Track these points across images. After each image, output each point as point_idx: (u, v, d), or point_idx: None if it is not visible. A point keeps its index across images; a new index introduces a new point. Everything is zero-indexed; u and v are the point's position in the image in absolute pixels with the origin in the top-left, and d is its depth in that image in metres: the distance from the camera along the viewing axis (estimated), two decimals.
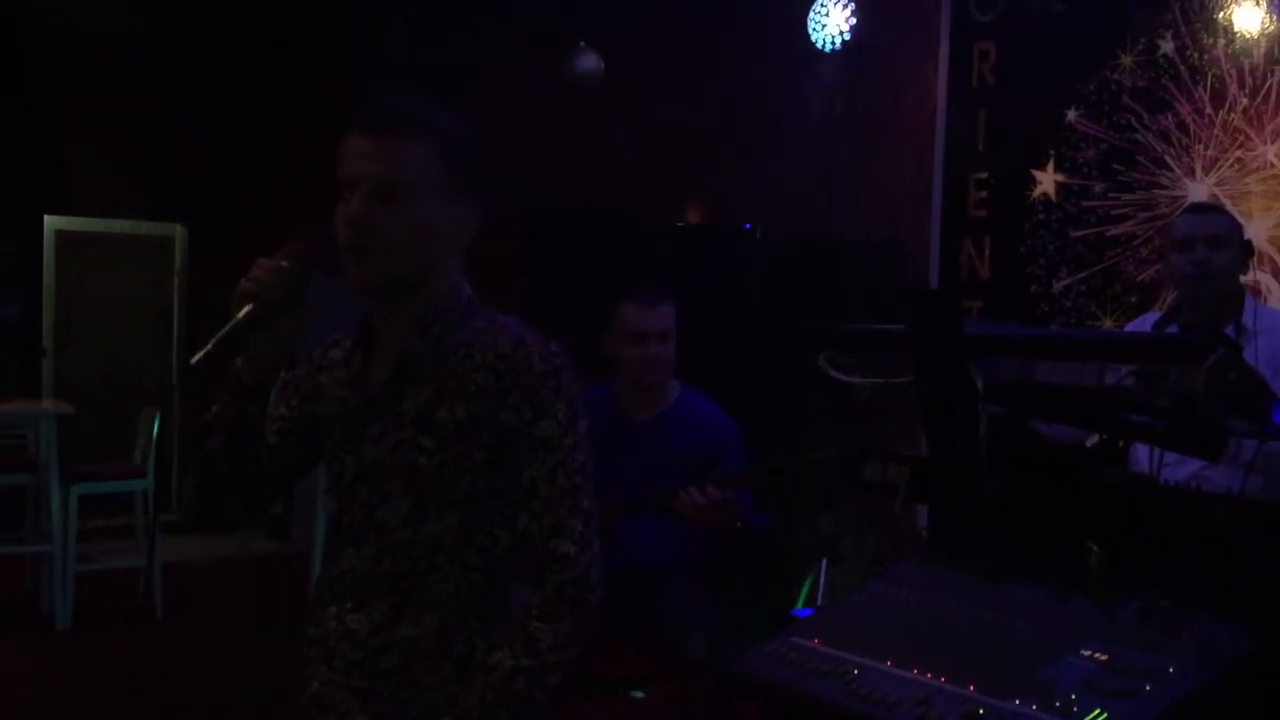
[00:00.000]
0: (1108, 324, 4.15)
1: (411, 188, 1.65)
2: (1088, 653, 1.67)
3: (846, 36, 4.77)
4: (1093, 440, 3.23)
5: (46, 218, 7.93)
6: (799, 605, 4.03)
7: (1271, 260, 3.74)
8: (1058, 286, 4.32)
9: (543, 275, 4.78)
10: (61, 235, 8.09)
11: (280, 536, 7.81)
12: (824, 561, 3.76)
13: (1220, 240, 2.90)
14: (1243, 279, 3.06)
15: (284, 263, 1.68)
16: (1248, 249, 2.99)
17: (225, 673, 4.90)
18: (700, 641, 2.60)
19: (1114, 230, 4.16)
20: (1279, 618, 1.70)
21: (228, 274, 1.73)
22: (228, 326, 1.66)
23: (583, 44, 5.07)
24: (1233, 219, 3.02)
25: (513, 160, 5.15)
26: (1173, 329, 2.88)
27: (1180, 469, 2.59)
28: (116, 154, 7.88)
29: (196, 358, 1.63)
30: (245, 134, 7.90)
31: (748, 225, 4.78)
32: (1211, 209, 3.14)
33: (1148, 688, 1.57)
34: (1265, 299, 3.70)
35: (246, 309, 1.66)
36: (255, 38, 7.64)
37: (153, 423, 5.77)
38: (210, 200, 7.95)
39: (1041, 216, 4.38)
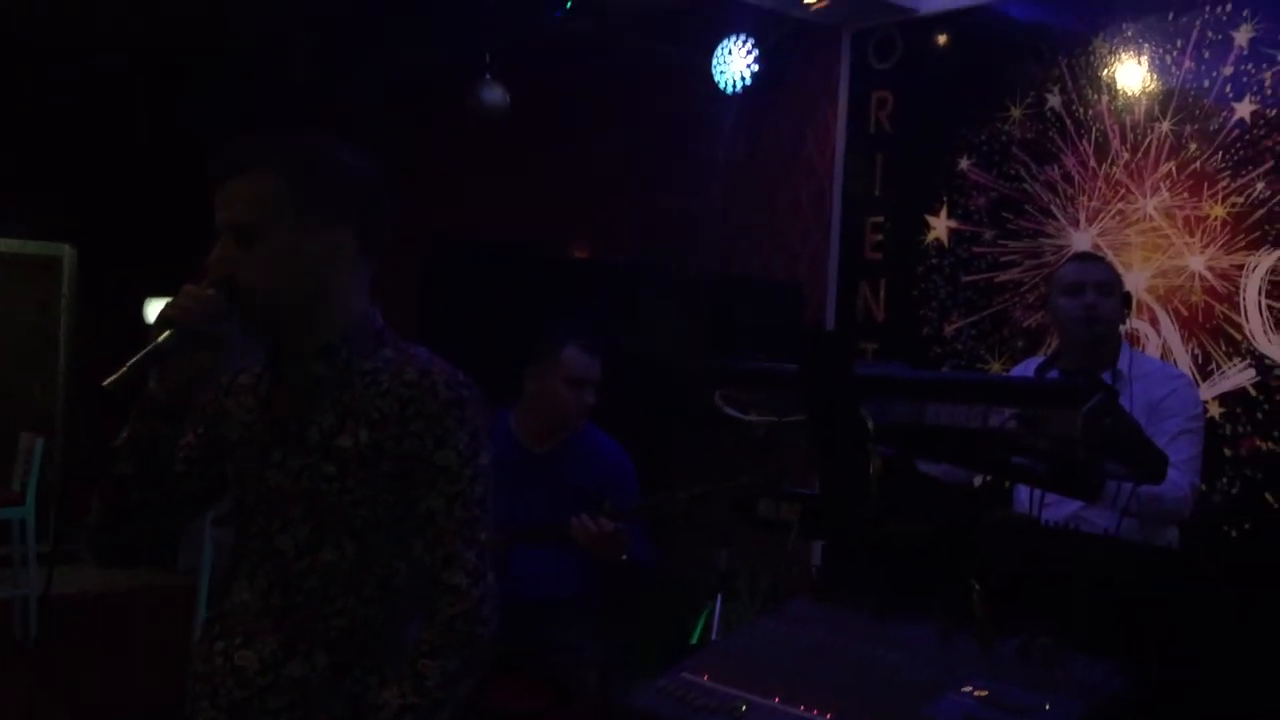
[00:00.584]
0: (996, 367, 4.27)
1: (263, 227, 1.64)
2: (969, 689, 1.71)
3: (749, 79, 4.86)
4: (979, 481, 3.32)
5: None
6: (693, 639, 4.04)
7: (1149, 310, 3.89)
8: (949, 329, 4.43)
9: (443, 304, 4.75)
10: None
11: (167, 567, 7.58)
12: (719, 596, 3.79)
13: (1106, 287, 3.00)
14: (1121, 328, 3.17)
15: (210, 290, 1.64)
16: (1126, 299, 3.10)
17: (102, 706, 4.73)
18: (592, 676, 2.59)
19: (1002, 276, 4.29)
20: (1149, 656, 1.77)
21: (118, 297, 1.68)
22: (145, 351, 1.61)
23: (488, 76, 5.07)
24: (1114, 269, 3.13)
25: (416, 189, 5.13)
26: (1054, 374, 2.97)
27: (1060, 509, 2.67)
28: (2, 173, 7.63)
29: (110, 380, 1.59)
30: (139, 153, 7.71)
31: (651, 260, 4.83)
32: (1095, 258, 3.25)
33: None
34: (1143, 347, 3.84)
35: (167, 334, 1.62)
36: (151, 54, 7.48)
37: (33, 449, 5.58)
38: (101, 220, 7.73)
39: (934, 261, 4.50)
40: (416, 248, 5.00)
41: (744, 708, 1.74)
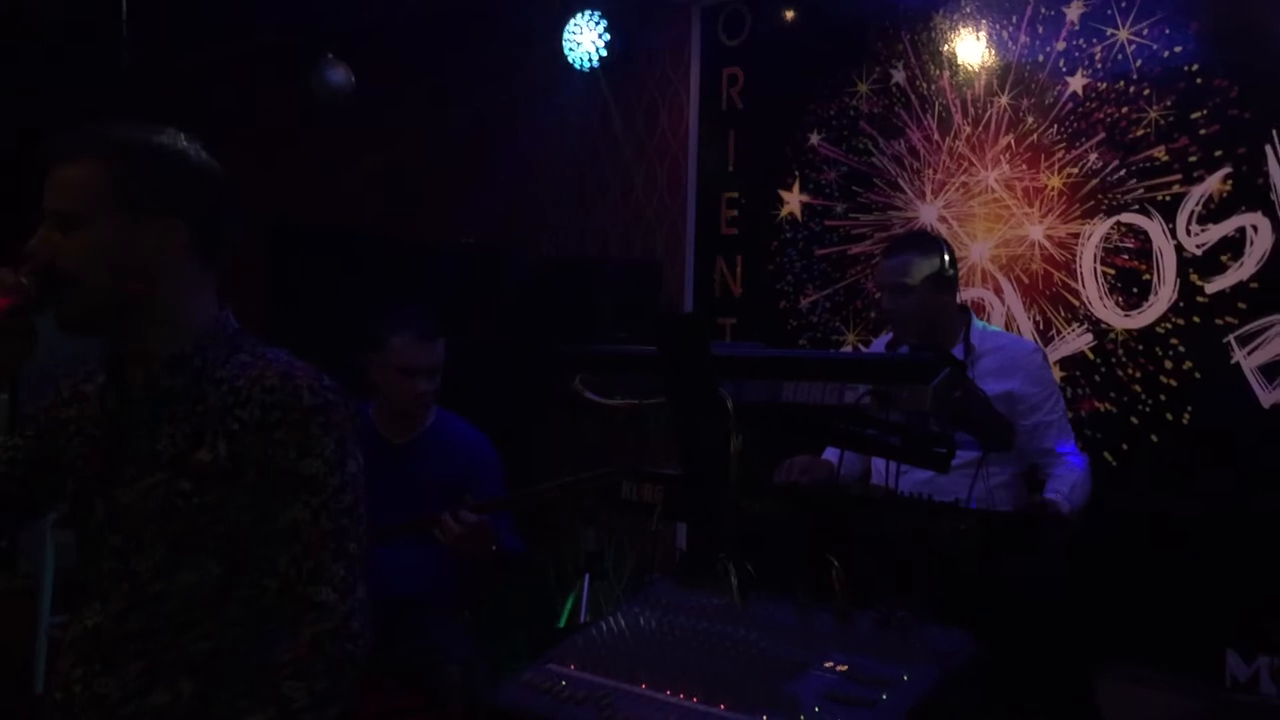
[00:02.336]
0: (851, 339, 4.36)
1: (86, 214, 1.57)
2: (830, 665, 1.74)
3: (601, 56, 4.83)
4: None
5: None
6: (562, 623, 4.04)
7: (993, 278, 4.02)
8: (804, 303, 4.51)
9: (291, 295, 4.61)
10: None
11: (4, 568, 7.24)
12: (586, 577, 3.79)
13: (901, 287, 3.05)
14: (957, 301, 3.24)
15: (22, 279, 1.56)
16: (942, 281, 3.08)
17: None
18: (457, 673, 2.56)
19: (855, 249, 4.38)
20: (997, 621, 1.83)
21: None
22: None
23: (330, 55, 4.92)
24: (919, 257, 3.09)
25: (256, 176, 4.97)
26: (904, 349, 3.04)
27: (914, 478, 2.74)
28: None
29: None
30: None
31: (502, 240, 4.78)
32: (900, 250, 3.19)
33: (885, 696, 1.65)
34: (988, 315, 3.97)
35: None
36: None
37: None
38: None
39: (789, 235, 4.56)
40: (262, 237, 4.85)
41: (610, 696, 1.74)
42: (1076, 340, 3.81)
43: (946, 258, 3.11)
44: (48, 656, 4.71)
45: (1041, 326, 3.90)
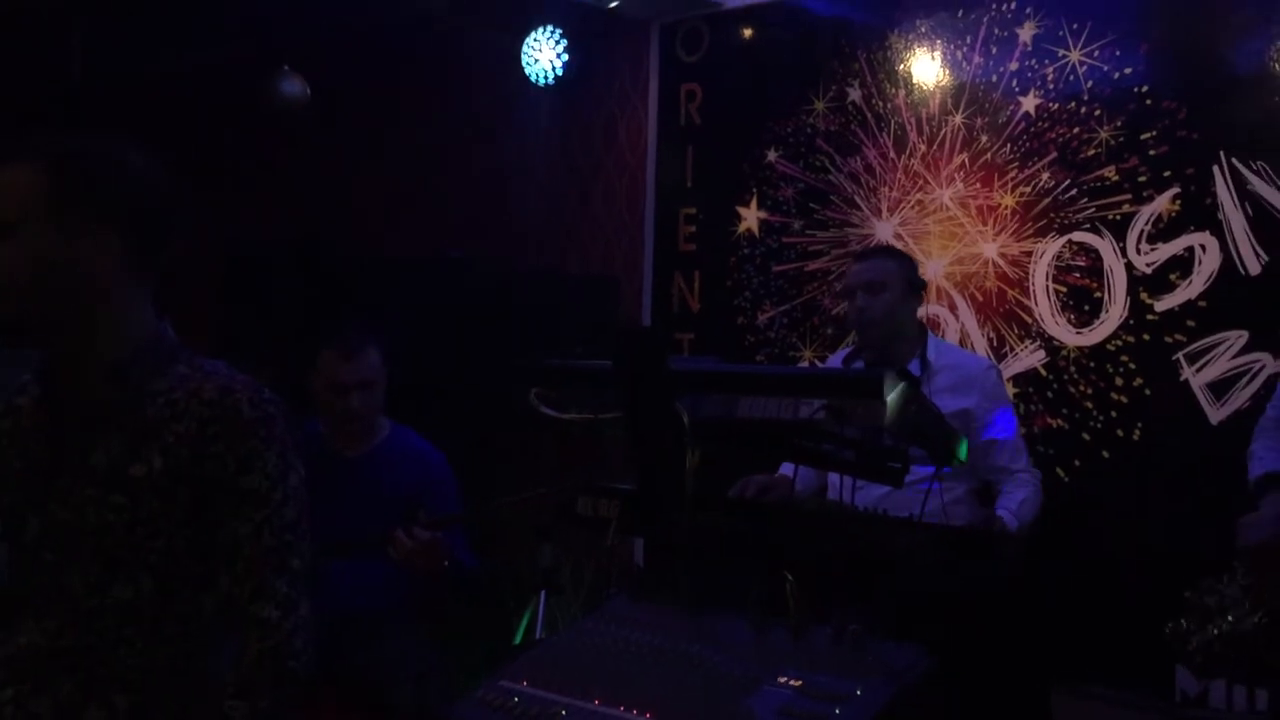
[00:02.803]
0: (808, 355, 4.38)
1: (19, 222, 1.55)
2: (784, 679, 1.74)
3: (559, 72, 4.84)
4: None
5: None
6: (518, 639, 4.01)
7: (948, 295, 4.05)
8: (762, 319, 4.52)
9: (244, 310, 4.57)
10: None
11: None
12: (543, 593, 3.76)
13: (875, 285, 3.11)
14: (920, 314, 3.29)
15: None
16: (915, 285, 3.19)
17: None
18: (410, 689, 2.54)
19: (812, 265, 4.40)
20: (951, 635, 1.84)
21: None
22: None
23: (286, 67, 4.89)
24: (893, 261, 3.20)
25: (210, 189, 4.92)
26: (859, 364, 3.06)
27: (870, 493, 2.75)
28: None
29: None
30: None
31: (459, 254, 4.76)
32: (874, 254, 3.33)
33: (838, 711, 1.65)
34: (943, 331, 4.00)
35: None
36: None
37: None
38: None
39: (746, 251, 4.58)
40: (216, 252, 4.80)
41: (563, 713, 1.73)
42: (1029, 357, 3.85)
43: (916, 269, 3.23)
44: None
45: (995, 343, 3.93)
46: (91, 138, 1.64)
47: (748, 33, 4.62)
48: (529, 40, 4.85)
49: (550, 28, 4.82)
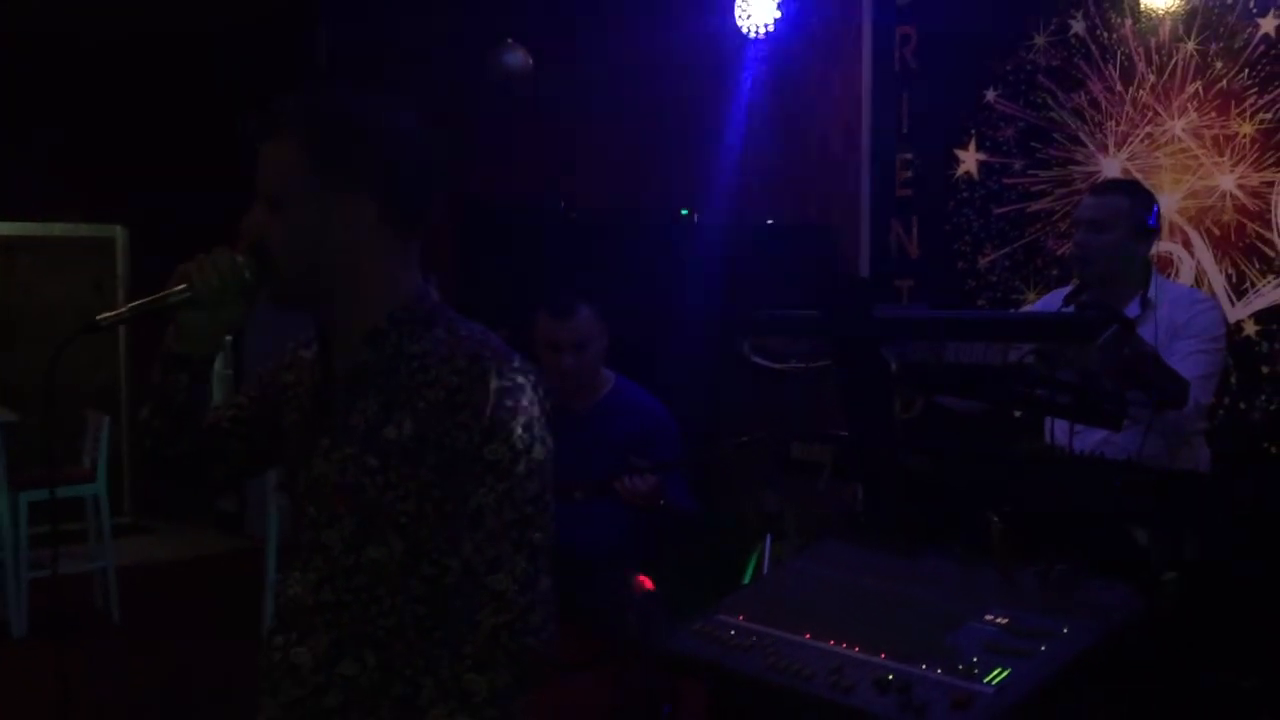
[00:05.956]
0: (1031, 298, 4.28)
1: (286, 193, 1.57)
2: (990, 617, 1.78)
3: (772, 23, 4.86)
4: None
5: None
6: (745, 580, 4.14)
7: (1182, 231, 3.89)
8: (983, 263, 4.45)
9: (475, 271, 4.83)
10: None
11: (234, 533, 7.83)
12: (768, 538, 3.87)
13: (1101, 224, 2.97)
14: (1150, 254, 3.17)
15: (239, 257, 1.59)
16: (1144, 227, 3.05)
17: (184, 674, 4.94)
18: (635, 624, 2.69)
19: (1034, 206, 4.29)
20: (1162, 578, 1.83)
21: (169, 274, 1.65)
22: (150, 299, 1.60)
23: (510, 40, 5.11)
24: (1125, 199, 3.04)
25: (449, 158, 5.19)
26: (1072, 308, 2.99)
27: (1089, 437, 2.71)
28: (50, 155, 7.82)
29: (104, 317, 1.58)
30: (186, 134, 7.86)
31: (683, 210, 4.87)
32: (1107, 189, 3.17)
33: (1044, 648, 1.69)
34: (1177, 269, 3.85)
35: (180, 289, 1.59)
36: (185, 37, 7.60)
37: (100, 426, 5.78)
38: (150, 200, 7.91)
39: (965, 195, 4.51)
40: (452, 213, 5.09)
41: (775, 645, 1.83)
42: (1272, 293, 3.66)
43: (1153, 209, 3.06)
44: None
45: (1234, 280, 3.75)
46: (355, 100, 1.62)
47: None
48: None
49: None
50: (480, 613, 1.52)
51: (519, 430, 1.54)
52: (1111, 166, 4.06)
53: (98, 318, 1.58)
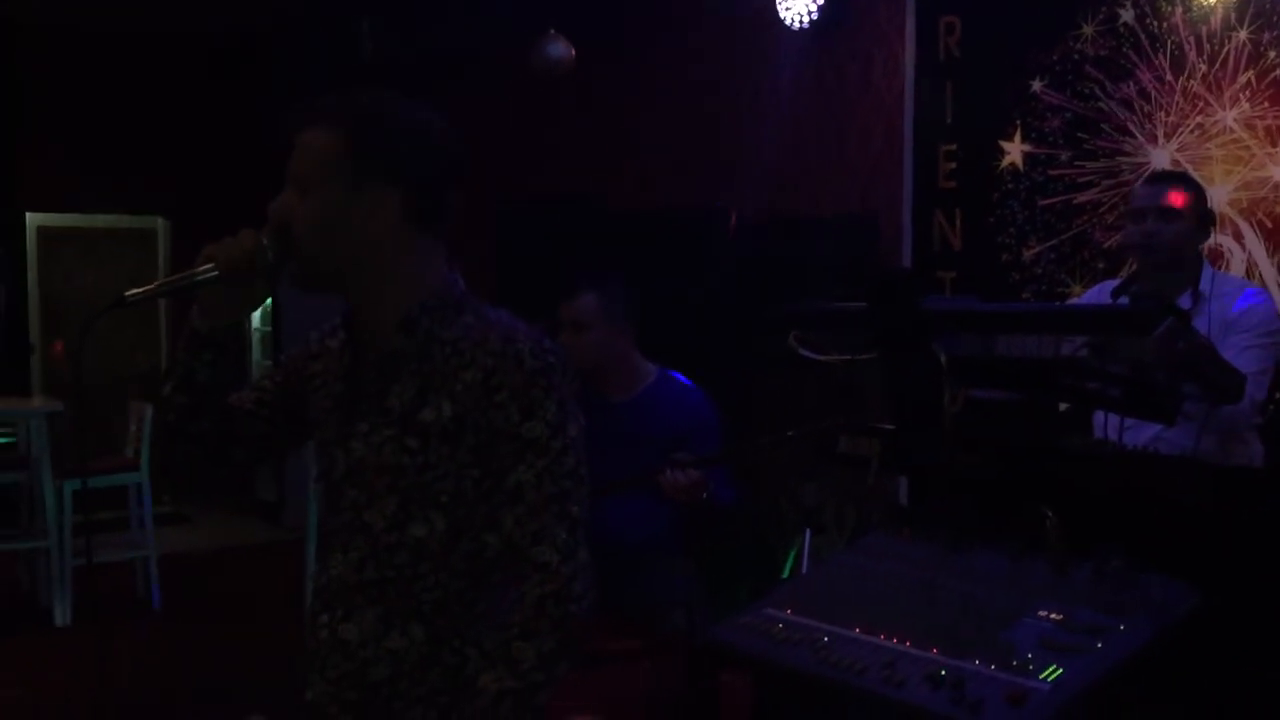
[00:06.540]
0: (1077, 290, 4.23)
1: (316, 180, 1.64)
2: (1044, 613, 1.75)
3: (814, 14, 4.82)
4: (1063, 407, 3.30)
5: (27, 215, 7.96)
6: (784, 575, 4.12)
7: (1233, 223, 3.82)
8: (1028, 255, 4.40)
9: (517, 263, 4.83)
10: (43, 231, 8.12)
11: (273, 523, 7.89)
12: (807, 532, 3.85)
13: (1171, 213, 2.93)
14: (1203, 246, 3.12)
15: (265, 240, 1.65)
16: (1206, 218, 3.02)
17: (226, 661, 4.98)
18: (681, 617, 2.68)
19: (1080, 198, 4.24)
20: (1221, 574, 1.79)
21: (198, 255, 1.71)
22: (177, 277, 1.65)
23: (552, 31, 5.11)
24: (1187, 190, 3.01)
25: (484, 148, 5.20)
26: (1124, 300, 2.95)
27: (1141, 433, 2.67)
28: (94, 149, 7.91)
29: (133, 293, 1.63)
30: (226, 128, 7.93)
31: (720, 204, 4.85)
32: (1168, 179, 3.16)
33: (1099, 645, 1.66)
34: (1227, 261, 3.78)
35: (206, 268, 1.64)
36: (229, 33, 7.67)
37: (143, 416, 5.83)
38: (191, 192, 7.99)
39: (1010, 186, 4.45)
40: (489, 209, 5.10)
41: (825, 639, 1.80)
42: None
43: (1207, 201, 3.03)
44: None
45: None
46: (392, 101, 1.69)
47: None
48: None
49: None
50: (525, 584, 1.59)
51: (554, 408, 1.62)
52: (1161, 158, 3.99)
53: (126, 294, 1.64)
